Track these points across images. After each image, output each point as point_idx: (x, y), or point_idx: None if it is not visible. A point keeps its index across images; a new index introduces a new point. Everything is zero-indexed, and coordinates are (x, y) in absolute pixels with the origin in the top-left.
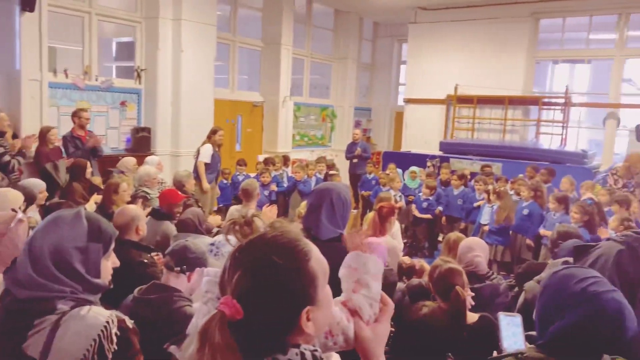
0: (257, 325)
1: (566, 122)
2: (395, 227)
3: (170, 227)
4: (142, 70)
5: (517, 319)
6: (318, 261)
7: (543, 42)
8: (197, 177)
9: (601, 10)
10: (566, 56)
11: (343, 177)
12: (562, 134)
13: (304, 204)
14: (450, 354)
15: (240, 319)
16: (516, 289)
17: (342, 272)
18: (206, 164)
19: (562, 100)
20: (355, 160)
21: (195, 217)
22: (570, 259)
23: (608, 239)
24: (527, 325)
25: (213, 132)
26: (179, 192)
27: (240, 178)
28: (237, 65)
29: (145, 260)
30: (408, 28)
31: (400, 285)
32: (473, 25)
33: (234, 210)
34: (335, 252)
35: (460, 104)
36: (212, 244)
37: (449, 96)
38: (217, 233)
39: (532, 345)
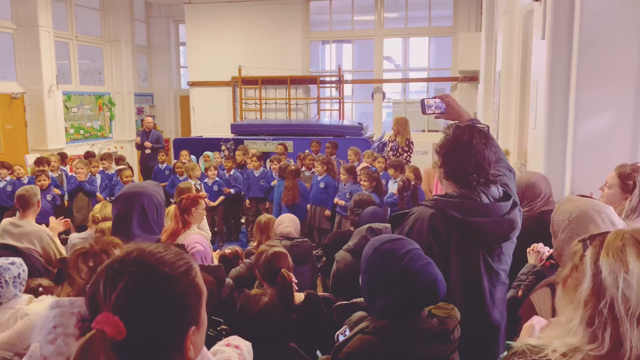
0: (142, 347)
1: (341, 98)
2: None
3: None
4: None
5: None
6: (202, 278)
7: (316, 24)
8: None
9: None
10: (335, 37)
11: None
12: (339, 109)
13: (98, 206)
14: (289, 339)
15: (122, 339)
16: (324, 258)
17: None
18: None
19: (336, 78)
20: (148, 151)
21: None
22: (377, 225)
23: (420, 204)
24: (340, 293)
25: None
26: None
27: (2, 185)
28: None
29: None
30: (184, 9)
31: (228, 281)
32: (250, 6)
33: (7, 223)
34: None
35: (245, 85)
36: None
37: (234, 78)
38: None
39: (367, 318)
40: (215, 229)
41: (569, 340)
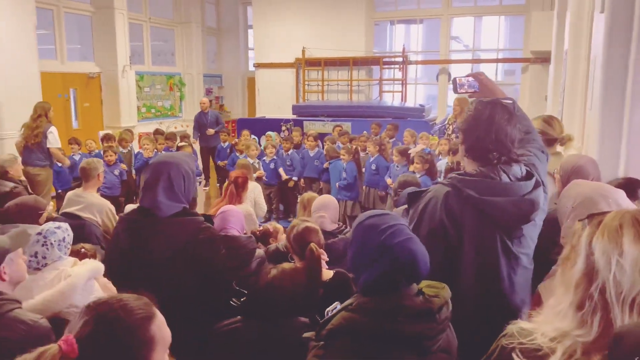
0: None
1: (405, 80)
2: (258, 190)
3: None
4: None
5: (337, 305)
6: (161, 328)
7: (380, 4)
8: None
9: None
10: (401, 17)
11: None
12: (401, 91)
13: None
14: (301, 314)
15: (74, 358)
16: None
17: None
18: None
19: (400, 59)
20: (211, 132)
21: (22, 205)
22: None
23: (436, 182)
24: None
25: (48, 109)
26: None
27: (77, 158)
28: (65, 33)
29: None
30: None
31: (260, 252)
32: None
33: (72, 194)
34: (178, 227)
35: (308, 66)
36: (39, 233)
37: (298, 59)
38: (51, 220)
39: (354, 295)
40: (273, 206)
41: (558, 324)
